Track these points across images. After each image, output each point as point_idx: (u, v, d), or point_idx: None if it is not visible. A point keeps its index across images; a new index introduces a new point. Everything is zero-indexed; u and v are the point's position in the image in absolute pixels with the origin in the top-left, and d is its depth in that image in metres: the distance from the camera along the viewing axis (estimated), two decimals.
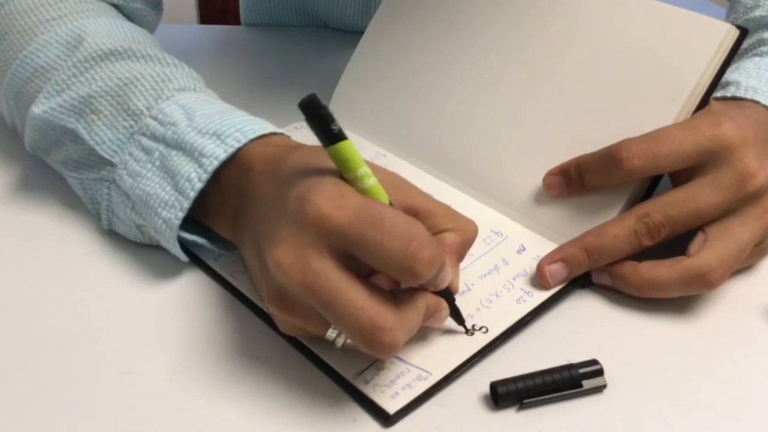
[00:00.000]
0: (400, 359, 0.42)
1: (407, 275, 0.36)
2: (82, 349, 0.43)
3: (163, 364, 0.42)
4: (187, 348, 0.44)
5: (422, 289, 0.40)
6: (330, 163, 0.39)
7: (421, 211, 0.41)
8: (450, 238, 0.42)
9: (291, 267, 0.36)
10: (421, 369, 0.42)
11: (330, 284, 0.36)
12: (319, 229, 0.36)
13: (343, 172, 0.39)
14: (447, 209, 0.43)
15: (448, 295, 0.42)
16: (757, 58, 0.55)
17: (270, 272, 0.38)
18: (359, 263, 0.37)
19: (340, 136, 0.38)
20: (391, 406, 0.40)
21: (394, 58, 0.61)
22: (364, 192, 0.39)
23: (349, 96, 0.63)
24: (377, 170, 0.41)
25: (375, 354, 0.37)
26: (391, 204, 0.39)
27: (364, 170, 0.39)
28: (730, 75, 0.53)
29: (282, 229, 0.38)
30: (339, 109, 0.62)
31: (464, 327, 0.44)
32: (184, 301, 0.47)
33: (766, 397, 0.42)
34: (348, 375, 0.41)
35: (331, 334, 0.39)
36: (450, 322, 0.43)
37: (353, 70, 0.63)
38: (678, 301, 0.47)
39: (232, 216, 0.45)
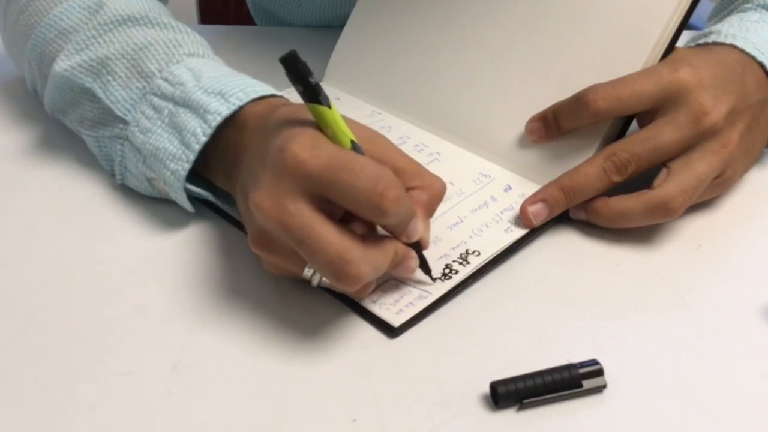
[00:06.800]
0: (404, 282, 0.47)
1: (376, 213, 0.40)
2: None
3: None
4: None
5: (395, 238, 0.44)
6: (311, 118, 0.43)
7: (391, 167, 0.43)
8: (417, 195, 0.45)
9: (269, 209, 0.40)
10: (422, 290, 0.46)
11: (303, 222, 0.40)
12: (296, 174, 0.40)
13: (323, 128, 0.42)
14: (416, 167, 0.46)
15: (417, 247, 0.45)
16: (741, 14, 0.59)
17: (252, 215, 0.42)
18: (333, 207, 0.41)
19: (317, 90, 0.41)
20: (396, 321, 0.44)
21: (386, 24, 0.65)
22: (340, 145, 0.42)
23: (344, 60, 0.67)
24: (353, 126, 0.44)
25: (342, 287, 0.41)
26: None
27: (342, 126, 0.42)
28: (714, 26, 0.57)
29: (262, 176, 0.41)
30: (336, 73, 0.67)
31: (430, 277, 0.47)
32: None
33: (766, 397, 0.42)
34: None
35: (307, 272, 0.43)
36: (419, 275, 0.47)
37: (348, 36, 0.67)
38: (678, 302, 0.47)
39: (227, 169, 0.49)
